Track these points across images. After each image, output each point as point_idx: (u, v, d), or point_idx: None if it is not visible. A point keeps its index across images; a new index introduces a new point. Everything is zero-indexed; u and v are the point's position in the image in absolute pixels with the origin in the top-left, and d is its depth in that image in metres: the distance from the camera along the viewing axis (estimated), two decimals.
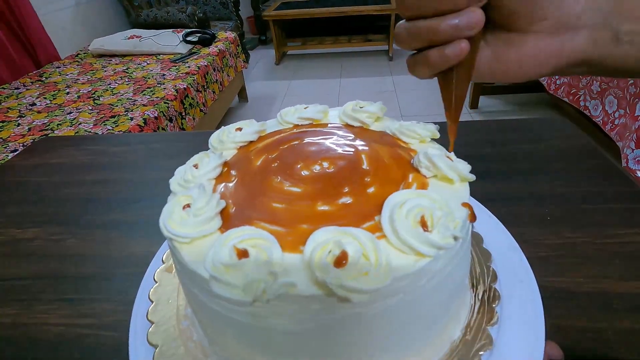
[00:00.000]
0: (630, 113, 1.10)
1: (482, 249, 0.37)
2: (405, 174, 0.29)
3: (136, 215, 0.52)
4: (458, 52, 0.23)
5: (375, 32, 3.27)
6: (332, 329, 0.23)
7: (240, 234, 0.23)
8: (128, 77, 1.81)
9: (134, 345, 0.31)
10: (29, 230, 0.51)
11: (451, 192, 0.27)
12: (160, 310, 0.33)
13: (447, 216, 0.23)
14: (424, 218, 0.23)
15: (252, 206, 0.27)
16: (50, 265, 0.45)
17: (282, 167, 0.30)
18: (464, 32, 0.23)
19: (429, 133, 0.34)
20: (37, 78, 1.85)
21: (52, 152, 0.71)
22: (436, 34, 0.23)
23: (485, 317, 0.31)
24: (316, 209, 0.26)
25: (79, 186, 0.60)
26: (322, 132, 0.36)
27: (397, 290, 0.22)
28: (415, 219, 0.23)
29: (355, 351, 0.25)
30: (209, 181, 0.30)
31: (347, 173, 0.29)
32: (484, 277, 0.34)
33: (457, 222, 0.24)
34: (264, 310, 0.22)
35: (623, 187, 0.49)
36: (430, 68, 0.25)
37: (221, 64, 2.13)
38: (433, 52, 0.24)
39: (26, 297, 0.41)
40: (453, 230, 0.23)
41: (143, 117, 1.41)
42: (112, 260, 0.45)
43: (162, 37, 2.13)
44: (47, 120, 1.43)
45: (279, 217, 0.26)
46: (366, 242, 0.22)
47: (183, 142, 0.74)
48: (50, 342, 0.36)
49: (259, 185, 0.29)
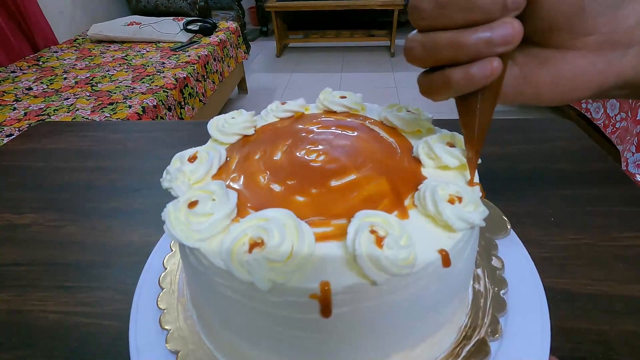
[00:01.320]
0: (632, 117, 1.11)
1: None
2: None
3: (136, 204, 0.51)
4: (489, 73, 0.19)
5: (378, 27, 3.25)
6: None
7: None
8: (127, 64, 1.79)
9: (134, 334, 0.30)
10: (26, 216, 0.50)
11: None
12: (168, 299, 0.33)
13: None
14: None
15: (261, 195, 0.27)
16: (48, 252, 0.44)
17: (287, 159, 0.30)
18: (497, 49, 0.19)
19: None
20: (34, 62, 1.83)
21: (49, 137, 0.69)
22: (462, 50, 0.19)
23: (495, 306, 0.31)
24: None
25: (78, 173, 0.59)
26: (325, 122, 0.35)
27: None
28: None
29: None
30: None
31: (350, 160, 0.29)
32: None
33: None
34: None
35: (627, 190, 0.49)
36: (451, 91, 0.21)
37: (222, 54, 2.11)
38: (456, 72, 0.20)
39: (23, 284, 0.40)
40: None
41: (142, 105, 1.40)
42: (111, 249, 0.44)
43: (163, 25, 2.10)
44: (43, 105, 1.41)
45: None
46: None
47: (183, 131, 0.73)
48: (47, 330, 0.35)
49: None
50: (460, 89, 0.20)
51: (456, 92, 0.21)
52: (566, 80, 0.21)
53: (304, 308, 0.21)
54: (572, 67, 0.20)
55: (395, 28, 2.99)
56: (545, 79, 0.21)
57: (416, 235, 0.22)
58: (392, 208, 0.25)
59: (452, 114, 0.26)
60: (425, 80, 0.22)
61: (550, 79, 0.21)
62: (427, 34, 0.20)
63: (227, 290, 0.23)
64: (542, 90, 0.21)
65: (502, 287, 0.32)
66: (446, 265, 0.23)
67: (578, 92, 0.21)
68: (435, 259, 0.22)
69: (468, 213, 0.23)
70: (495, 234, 0.38)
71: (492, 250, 0.36)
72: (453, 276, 0.25)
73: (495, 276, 0.34)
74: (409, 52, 0.21)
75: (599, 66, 0.20)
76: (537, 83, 0.21)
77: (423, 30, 0.20)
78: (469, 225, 0.23)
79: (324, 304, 0.21)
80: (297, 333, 0.23)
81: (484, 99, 0.21)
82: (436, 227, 0.24)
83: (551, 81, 0.21)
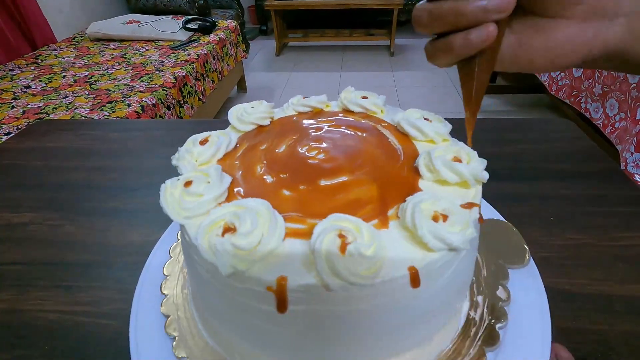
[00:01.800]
0: (632, 117, 1.11)
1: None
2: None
3: (135, 204, 0.51)
4: (485, 37, 0.21)
5: (378, 26, 3.24)
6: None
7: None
8: (126, 63, 1.78)
9: (134, 335, 0.30)
10: (24, 215, 0.50)
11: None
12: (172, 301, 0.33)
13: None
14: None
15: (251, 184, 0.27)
16: (47, 251, 0.44)
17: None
18: (492, 15, 0.21)
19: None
20: (33, 60, 1.82)
21: (49, 135, 0.69)
22: (462, 16, 0.21)
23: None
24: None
25: (77, 172, 0.59)
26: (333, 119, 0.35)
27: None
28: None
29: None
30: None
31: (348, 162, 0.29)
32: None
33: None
34: None
35: (626, 190, 0.49)
36: (452, 55, 0.23)
37: (221, 52, 2.10)
38: (457, 37, 0.22)
39: (21, 283, 0.40)
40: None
41: (141, 103, 1.39)
42: (110, 248, 0.44)
43: (162, 23, 2.09)
44: (42, 103, 1.41)
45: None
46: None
47: (183, 130, 0.73)
48: (46, 329, 0.35)
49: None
50: (461, 52, 0.23)
51: (458, 57, 0.23)
52: (557, 46, 0.23)
53: (262, 299, 0.22)
54: (563, 34, 0.23)
55: (395, 27, 2.98)
56: (538, 46, 0.23)
57: (389, 247, 0.22)
58: (373, 216, 0.24)
59: (457, 114, 0.26)
60: (431, 47, 0.24)
61: (542, 45, 0.23)
62: (433, 3, 0.22)
63: (202, 270, 0.24)
64: (535, 56, 0.23)
65: (500, 320, 0.30)
66: (415, 286, 0.21)
67: (567, 59, 0.23)
68: (402, 275, 0.21)
69: (448, 233, 0.22)
70: (510, 262, 0.35)
71: (500, 279, 0.33)
72: (425, 299, 0.23)
73: (496, 307, 0.31)
74: (417, 20, 0.23)
75: (587, 34, 0.22)
76: (530, 49, 0.23)
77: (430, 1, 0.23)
78: (446, 246, 0.22)
79: (280, 299, 0.21)
80: (257, 322, 0.24)
81: (482, 64, 0.23)
82: (413, 244, 0.22)
83: (544, 48, 0.23)
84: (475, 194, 0.26)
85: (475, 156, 0.28)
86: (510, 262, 0.35)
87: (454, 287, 0.26)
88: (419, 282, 0.21)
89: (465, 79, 0.25)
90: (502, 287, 0.33)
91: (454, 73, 0.31)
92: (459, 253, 0.23)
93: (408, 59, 3.04)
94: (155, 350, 0.29)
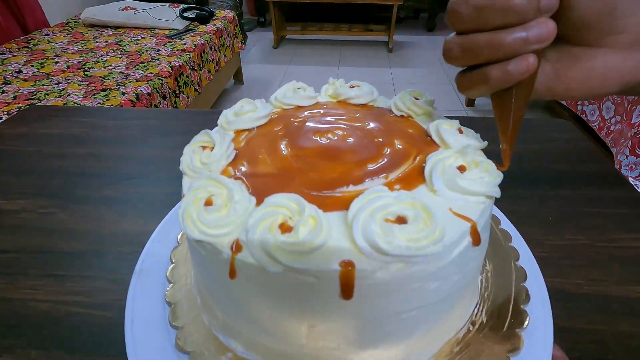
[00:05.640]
0: (627, 120, 1.12)
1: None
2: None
3: (130, 193, 0.50)
4: (525, 69, 0.20)
5: (377, 22, 3.23)
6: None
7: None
8: (121, 50, 1.75)
9: (129, 325, 0.29)
10: (15, 202, 0.49)
11: None
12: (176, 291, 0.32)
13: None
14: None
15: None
16: (38, 239, 0.43)
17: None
18: (532, 47, 0.20)
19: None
20: (24, 44, 1.78)
21: (41, 121, 0.67)
22: (500, 49, 0.20)
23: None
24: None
25: (70, 159, 0.57)
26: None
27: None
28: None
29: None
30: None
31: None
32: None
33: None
34: None
35: (623, 192, 0.49)
36: (489, 87, 0.22)
37: (218, 43, 2.07)
38: (493, 69, 0.21)
39: (11, 271, 0.39)
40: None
41: (135, 92, 1.37)
42: (103, 238, 0.43)
43: (158, 11, 2.06)
44: (34, 89, 1.38)
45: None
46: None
47: (179, 119, 0.71)
48: (37, 319, 0.35)
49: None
50: (498, 85, 0.22)
51: (493, 88, 0.22)
52: (597, 76, 0.22)
53: (220, 268, 0.22)
54: (603, 64, 0.22)
55: (394, 24, 2.97)
56: (576, 76, 0.22)
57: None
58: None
59: (454, 111, 0.26)
60: (464, 78, 0.23)
61: (581, 75, 0.22)
62: (465, 36, 0.21)
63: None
64: (572, 85, 0.23)
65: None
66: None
67: (607, 88, 0.22)
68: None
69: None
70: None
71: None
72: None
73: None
74: (448, 53, 0.22)
75: (629, 63, 0.21)
76: (568, 79, 0.22)
77: (461, 32, 0.22)
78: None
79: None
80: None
81: (519, 94, 0.22)
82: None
83: (582, 77, 0.22)
84: None
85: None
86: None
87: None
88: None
89: (501, 109, 0.24)
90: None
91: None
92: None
93: (406, 55, 3.03)
94: (155, 341, 0.28)
